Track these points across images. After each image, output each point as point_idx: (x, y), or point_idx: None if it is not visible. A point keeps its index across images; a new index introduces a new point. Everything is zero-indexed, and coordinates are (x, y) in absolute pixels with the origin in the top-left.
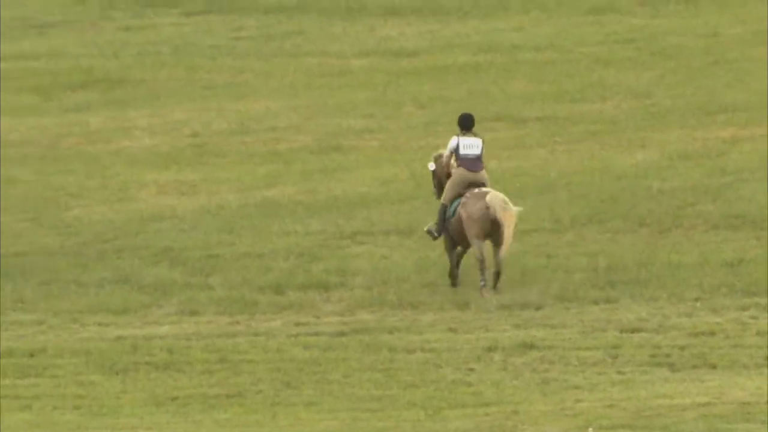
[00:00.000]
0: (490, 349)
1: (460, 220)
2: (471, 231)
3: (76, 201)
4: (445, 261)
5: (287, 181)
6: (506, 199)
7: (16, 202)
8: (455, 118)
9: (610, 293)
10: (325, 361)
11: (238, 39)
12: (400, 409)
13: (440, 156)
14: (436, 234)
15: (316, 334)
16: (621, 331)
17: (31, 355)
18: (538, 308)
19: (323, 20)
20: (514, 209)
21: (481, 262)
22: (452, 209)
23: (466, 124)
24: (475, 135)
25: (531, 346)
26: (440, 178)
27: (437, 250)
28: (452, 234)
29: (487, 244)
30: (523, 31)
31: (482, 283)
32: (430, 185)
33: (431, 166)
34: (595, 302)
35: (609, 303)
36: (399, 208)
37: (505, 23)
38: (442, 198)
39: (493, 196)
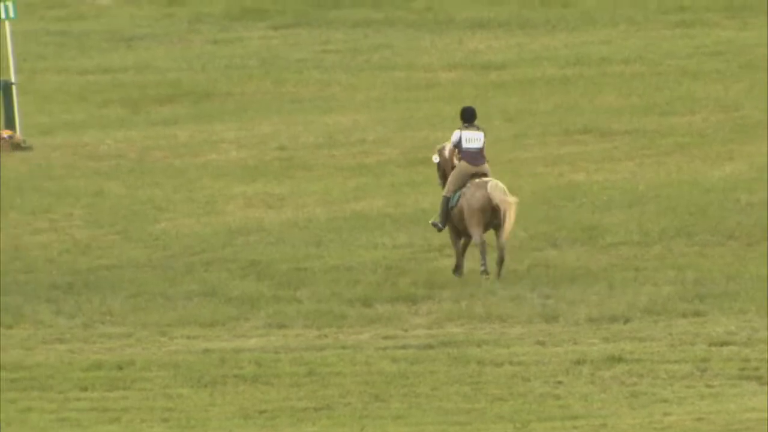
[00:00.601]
0: (579, 362)
1: (462, 210)
2: (472, 220)
3: (163, 214)
4: (535, 273)
5: (375, 194)
6: (506, 188)
7: (104, 215)
8: (544, 131)
9: (698, 306)
10: (413, 374)
11: (326, 52)
12: (488, 423)
13: (443, 149)
14: (441, 225)
15: (404, 347)
16: (710, 345)
17: (120, 368)
18: (626, 321)
19: (411, 33)
20: (513, 199)
21: (482, 245)
22: (455, 200)
23: (468, 118)
24: (478, 128)
25: (619, 359)
26: (444, 171)
27: (525, 263)
28: (456, 224)
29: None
30: (612, 44)
31: (482, 267)
32: (519, 198)
33: (435, 158)
34: (684, 315)
35: (697, 316)
36: None
37: (594, 36)
38: (444, 190)
39: (494, 185)
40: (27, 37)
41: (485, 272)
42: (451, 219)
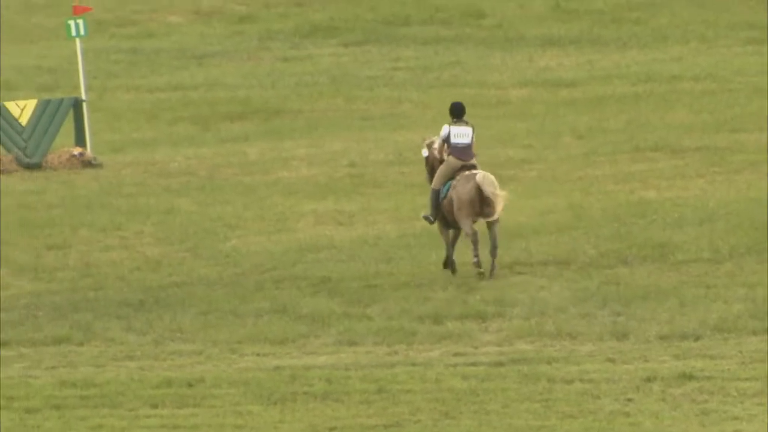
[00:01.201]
0: (649, 380)
1: (451, 201)
2: (461, 211)
3: (234, 231)
4: (605, 290)
5: None
6: (495, 180)
7: (175, 233)
8: (614, 148)
9: None
10: (484, 391)
11: (396, 70)
12: None
13: (432, 143)
14: (432, 219)
15: (474, 364)
16: None
17: (190, 385)
18: (696, 339)
19: (481, 51)
20: (502, 192)
21: (474, 235)
22: (444, 191)
23: (457, 113)
24: (466, 123)
25: (690, 377)
26: (433, 165)
27: (595, 279)
28: (446, 215)
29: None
30: (682, 61)
31: (475, 259)
32: (589, 216)
33: (424, 152)
34: (754, 333)
35: None
36: (557, 238)
37: (664, 54)
38: (432, 184)
39: (483, 177)
40: (98, 54)
41: (478, 264)
42: (441, 210)
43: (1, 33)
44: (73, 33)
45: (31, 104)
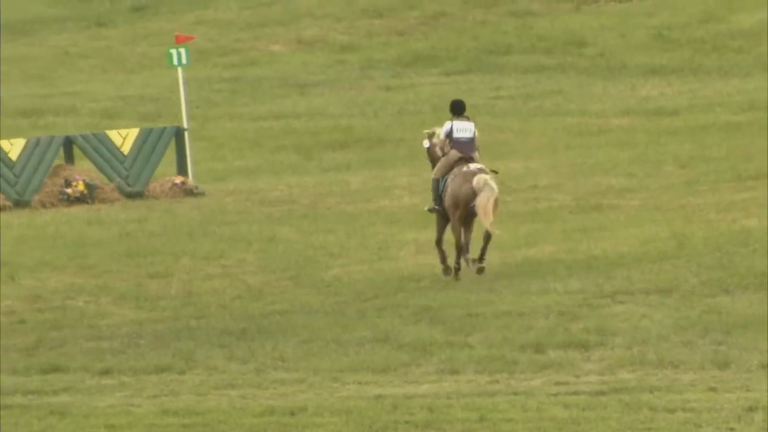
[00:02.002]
0: (751, 409)
1: (447, 196)
2: (456, 212)
3: (336, 260)
4: (707, 319)
5: (547, 239)
6: (493, 185)
7: (277, 261)
8: (716, 177)
9: None
10: (585, 420)
11: (498, 98)
12: None
13: (433, 134)
14: (437, 207)
15: (576, 393)
16: None
17: (292, 414)
18: None
19: (583, 79)
20: (497, 189)
21: (464, 246)
22: (443, 183)
23: (458, 110)
24: (468, 119)
25: None
26: (433, 156)
27: (697, 308)
28: (444, 207)
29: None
30: None
31: (456, 265)
32: (691, 244)
33: (426, 143)
34: None
35: None
36: (659, 267)
37: (766, 82)
38: (433, 173)
39: (479, 179)
40: (200, 83)
41: (458, 270)
42: (443, 203)
43: (105, 63)
44: (176, 62)
45: (133, 133)
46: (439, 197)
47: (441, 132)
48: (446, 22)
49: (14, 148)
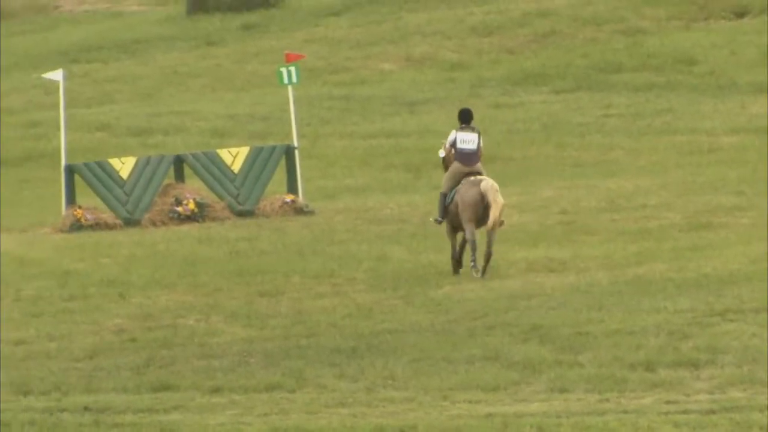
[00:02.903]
0: None
1: (456, 205)
2: (464, 214)
3: (446, 279)
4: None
5: (657, 258)
6: (498, 189)
7: (387, 279)
8: None
9: None
10: None
11: (608, 116)
12: None
13: (447, 145)
14: (440, 218)
15: (686, 412)
16: None
17: None
18: None
19: (693, 98)
20: (501, 200)
21: (472, 243)
22: (451, 196)
23: (465, 119)
24: (473, 129)
25: None
26: (448, 165)
27: None
28: (451, 219)
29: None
30: None
31: (472, 263)
32: None
33: (441, 153)
34: None
35: None
36: None
37: None
38: (442, 188)
39: (486, 183)
40: (310, 101)
41: (475, 267)
42: (449, 214)
43: (215, 81)
44: (286, 80)
45: (243, 151)
46: (444, 210)
47: (446, 141)
48: (556, 40)
49: (125, 166)
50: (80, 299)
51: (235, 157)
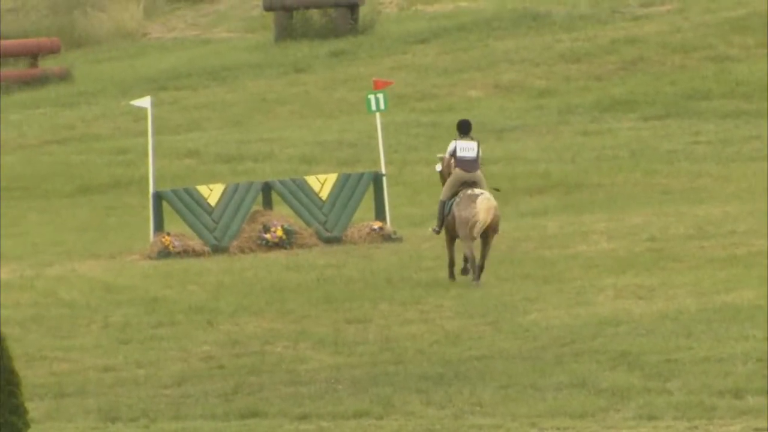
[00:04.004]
0: None
1: (454, 218)
2: (461, 232)
3: (533, 305)
4: None
5: (746, 285)
6: (494, 205)
7: (474, 306)
8: None
9: None
10: None
11: (696, 143)
12: None
13: (444, 158)
14: (438, 229)
15: None
16: None
17: None
18: None
19: None
20: (497, 212)
21: (472, 259)
22: (449, 206)
23: (464, 129)
24: (472, 138)
25: None
26: (446, 178)
27: None
28: (448, 228)
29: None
30: None
31: (475, 282)
32: None
33: (438, 167)
34: None
35: None
36: None
37: None
38: (441, 195)
39: (482, 200)
40: (398, 128)
41: (474, 280)
42: (446, 224)
43: (303, 108)
44: (373, 107)
45: (331, 178)
46: (443, 219)
47: (445, 153)
48: (644, 67)
49: (213, 193)
50: (168, 326)
51: (323, 184)
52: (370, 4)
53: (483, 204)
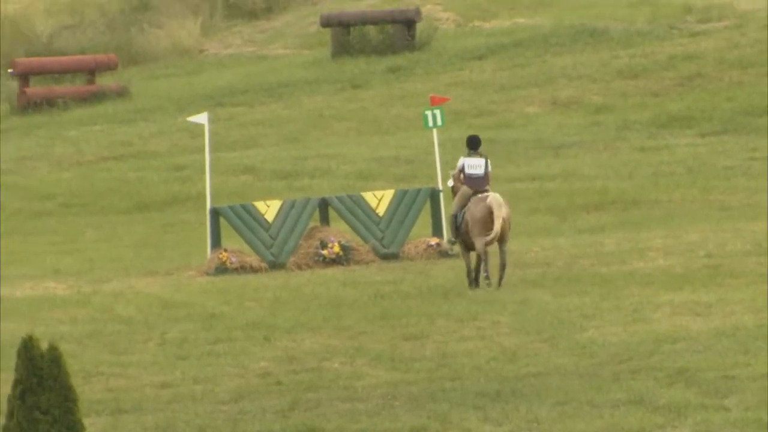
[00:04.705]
0: None
1: (467, 223)
2: (474, 230)
3: (590, 322)
4: None
5: None
6: (503, 202)
7: (531, 323)
8: None
9: None
10: None
11: (753, 160)
12: None
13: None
14: (453, 239)
15: None
16: None
17: None
18: None
19: None
20: (505, 212)
21: (485, 254)
22: (461, 216)
23: (472, 145)
24: (480, 155)
25: None
26: (457, 191)
27: None
28: (464, 238)
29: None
30: None
31: (485, 273)
32: None
33: (450, 182)
34: None
35: None
36: None
37: None
38: (452, 209)
39: (493, 197)
40: (455, 144)
41: (487, 278)
42: (461, 234)
43: (360, 124)
44: (430, 123)
45: (388, 194)
46: (456, 230)
47: (455, 169)
48: (702, 83)
49: (270, 209)
50: (225, 342)
51: (380, 200)
52: (427, 20)
53: (494, 200)
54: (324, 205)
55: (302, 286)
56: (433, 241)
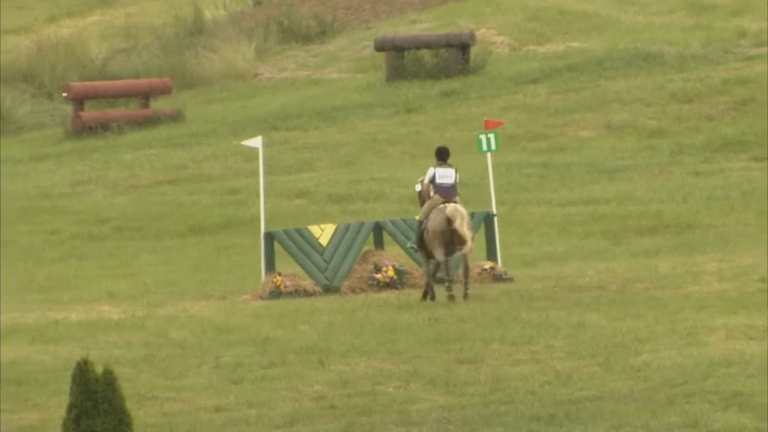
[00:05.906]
0: None
1: (427, 232)
2: (434, 241)
3: (645, 346)
4: None
5: None
6: (464, 213)
7: (586, 346)
8: None
9: None
10: None
11: None
12: None
13: (423, 181)
14: (416, 246)
15: None
16: None
17: None
18: None
19: None
20: (467, 217)
21: (445, 262)
22: (424, 225)
23: (442, 156)
24: (450, 166)
25: None
26: (424, 199)
27: None
28: (426, 246)
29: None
30: None
31: (446, 276)
32: None
33: (417, 187)
34: None
35: None
36: None
37: None
38: (419, 216)
39: (452, 209)
40: (509, 168)
41: (449, 281)
42: (423, 241)
43: (414, 148)
44: (485, 147)
45: None
46: (420, 237)
47: (426, 177)
48: (755, 108)
49: (324, 233)
50: (280, 366)
51: None
52: (482, 44)
53: (450, 211)
54: (378, 229)
55: (356, 310)
56: (487, 265)
